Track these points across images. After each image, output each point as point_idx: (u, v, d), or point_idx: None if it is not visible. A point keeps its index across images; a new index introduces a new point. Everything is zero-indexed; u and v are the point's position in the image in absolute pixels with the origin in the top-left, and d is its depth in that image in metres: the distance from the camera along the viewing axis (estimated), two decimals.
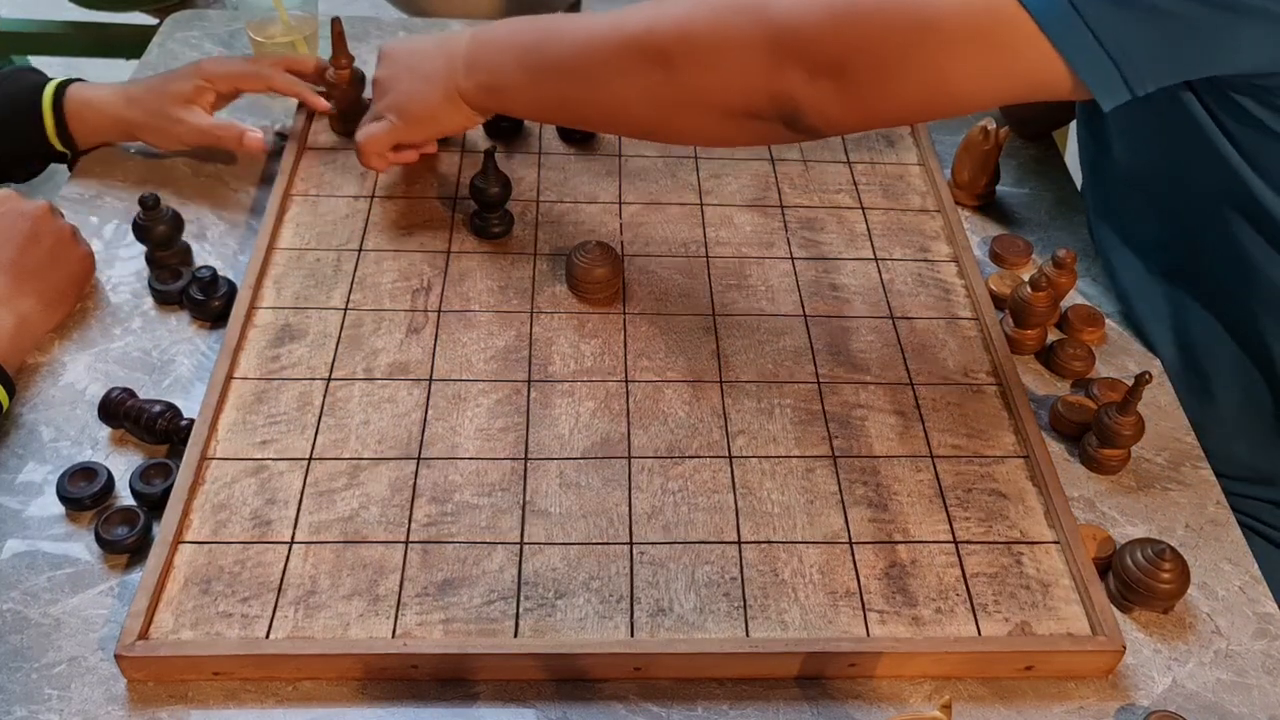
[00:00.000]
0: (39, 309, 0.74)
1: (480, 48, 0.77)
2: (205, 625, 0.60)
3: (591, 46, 0.71)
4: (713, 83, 0.67)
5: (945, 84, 0.62)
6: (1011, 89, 0.63)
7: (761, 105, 0.66)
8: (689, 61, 0.67)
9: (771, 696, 0.60)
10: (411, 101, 0.79)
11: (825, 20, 0.62)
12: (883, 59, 0.62)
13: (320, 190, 0.88)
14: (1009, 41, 0.59)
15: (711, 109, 0.69)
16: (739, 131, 0.71)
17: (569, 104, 0.75)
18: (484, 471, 0.68)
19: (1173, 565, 0.63)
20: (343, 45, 0.89)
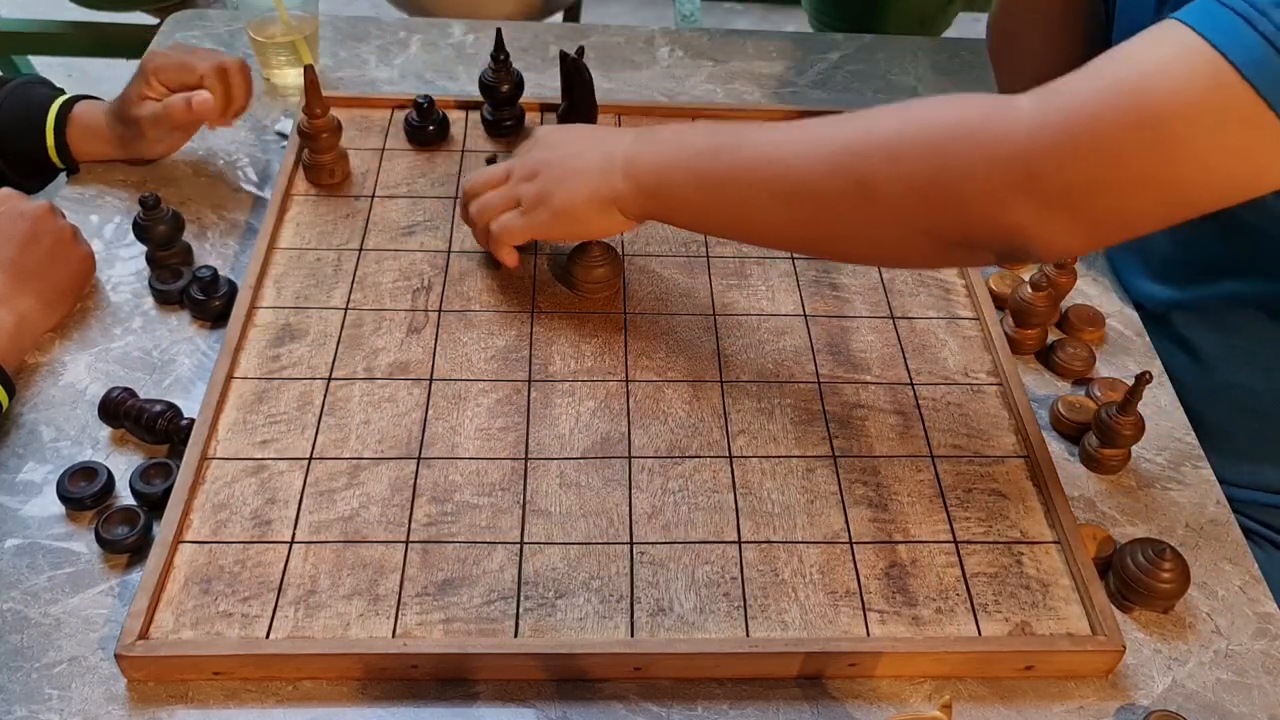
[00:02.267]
0: (39, 309, 0.74)
1: (644, 147, 0.71)
2: (205, 625, 0.60)
3: (781, 161, 0.65)
4: (925, 214, 0.60)
5: (1185, 192, 0.56)
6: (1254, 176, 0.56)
7: (979, 237, 0.60)
8: (900, 189, 0.60)
9: (771, 696, 0.60)
10: (558, 197, 0.72)
11: (1063, 146, 0.55)
12: (1122, 182, 0.56)
13: (321, 190, 0.88)
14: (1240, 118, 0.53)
15: (919, 238, 0.62)
16: (944, 258, 0.67)
17: (745, 220, 0.69)
18: (484, 471, 0.68)
19: (1173, 565, 0.63)
20: (317, 94, 0.83)
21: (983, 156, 0.57)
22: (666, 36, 1.12)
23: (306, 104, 0.83)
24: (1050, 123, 0.56)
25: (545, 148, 0.75)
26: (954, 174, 0.58)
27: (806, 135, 0.65)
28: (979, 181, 0.57)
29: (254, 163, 0.93)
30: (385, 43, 1.08)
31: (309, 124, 0.84)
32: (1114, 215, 0.58)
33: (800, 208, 0.64)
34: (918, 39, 1.15)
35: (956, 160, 0.58)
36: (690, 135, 0.70)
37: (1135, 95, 0.54)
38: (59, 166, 0.89)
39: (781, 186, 0.64)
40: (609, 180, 0.71)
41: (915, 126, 0.60)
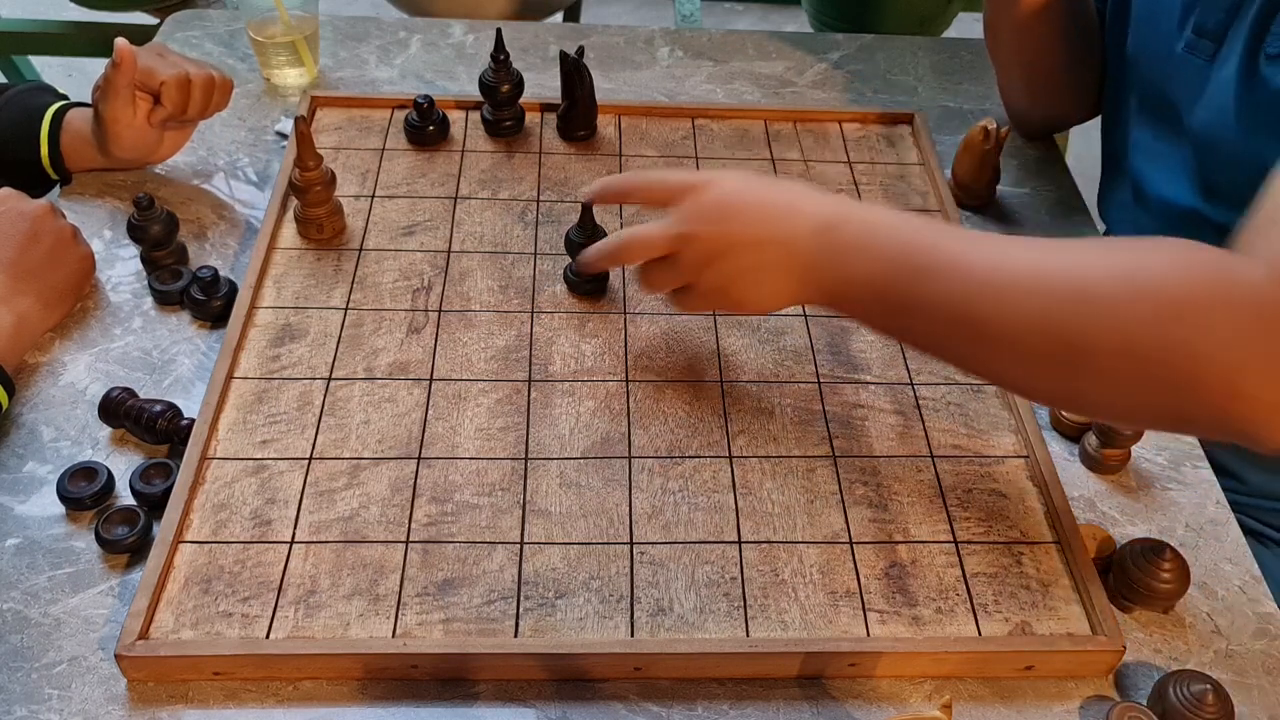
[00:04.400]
0: (38, 308, 0.74)
1: (828, 254, 0.63)
2: (205, 625, 0.60)
3: (982, 306, 0.57)
4: (1146, 389, 0.54)
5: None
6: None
7: (1203, 418, 0.54)
8: (1122, 364, 0.53)
9: (771, 696, 0.60)
10: (735, 292, 0.66)
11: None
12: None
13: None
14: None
15: (1131, 407, 0.56)
16: (1151, 425, 0.62)
17: (933, 350, 0.63)
18: (484, 471, 0.68)
19: (1173, 565, 0.63)
20: (310, 147, 0.78)
21: (1222, 333, 0.51)
22: (666, 36, 1.12)
23: (298, 155, 0.79)
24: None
25: (716, 222, 0.66)
26: (1185, 351, 0.52)
27: (1016, 273, 0.57)
28: (1217, 362, 0.51)
29: (254, 163, 0.93)
30: (385, 43, 1.08)
31: (300, 177, 0.79)
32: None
33: (1001, 358, 0.58)
34: (918, 39, 1.15)
35: (1190, 338, 0.51)
36: (878, 246, 0.61)
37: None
38: (53, 177, 0.87)
39: (980, 333, 0.58)
40: (790, 281, 0.65)
41: (1140, 291, 0.53)
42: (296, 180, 0.80)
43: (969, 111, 1.04)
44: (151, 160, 0.89)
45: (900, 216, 0.63)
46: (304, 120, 0.78)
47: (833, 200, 0.65)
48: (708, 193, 0.66)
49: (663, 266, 0.68)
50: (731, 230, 0.65)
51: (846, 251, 0.62)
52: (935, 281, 0.59)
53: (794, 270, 0.64)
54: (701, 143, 0.95)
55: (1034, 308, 0.55)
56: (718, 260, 0.66)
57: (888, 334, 0.67)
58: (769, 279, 0.65)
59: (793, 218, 0.64)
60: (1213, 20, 0.77)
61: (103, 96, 0.82)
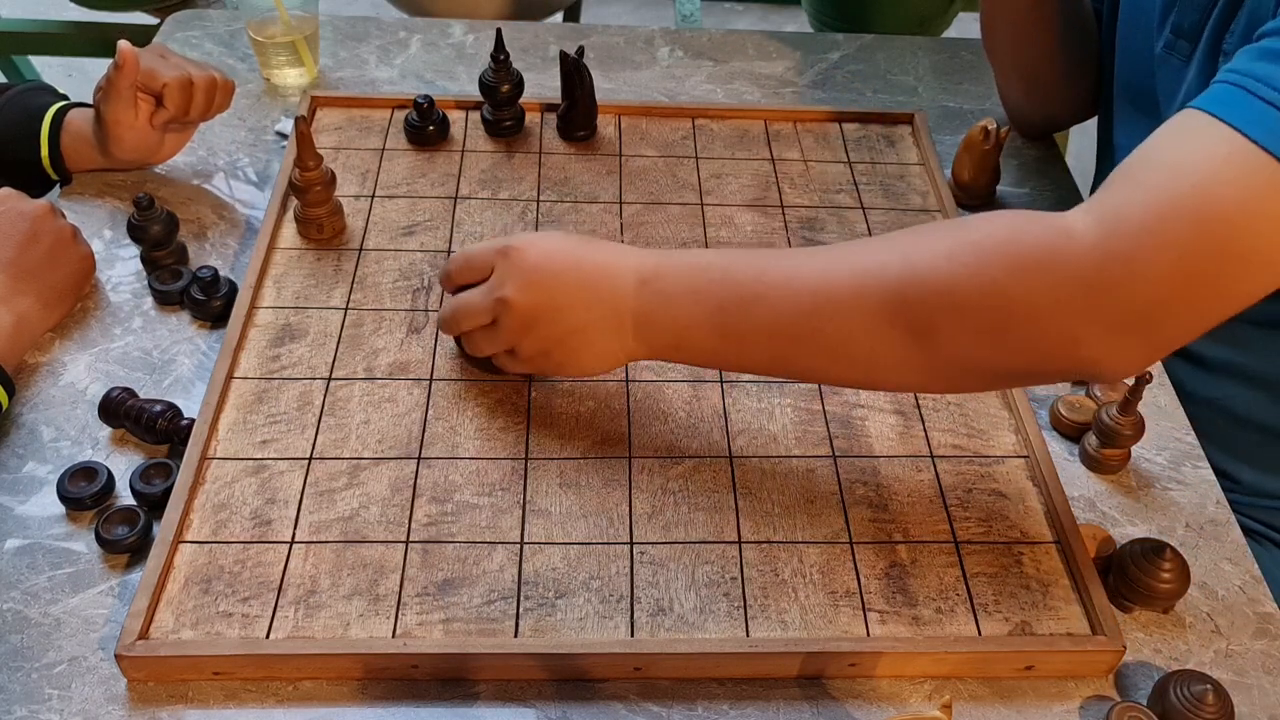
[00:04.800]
0: (38, 308, 0.74)
1: (655, 304, 0.63)
2: (205, 625, 0.60)
3: (819, 313, 0.59)
4: (991, 355, 0.57)
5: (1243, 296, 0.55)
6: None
7: (1046, 369, 0.58)
8: (964, 337, 0.56)
9: (771, 696, 0.60)
10: (559, 356, 0.67)
11: (1134, 273, 0.53)
12: (1192, 298, 0.54)
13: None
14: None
15: (981, 375, 0.60)
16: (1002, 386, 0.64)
17: (782, 369, 0.65)
18: (484, 471, 0.68)
19: (1173, 565, 0.63)
20: (310, 147, 0.78)
21: (1050, 294, 0.55)
22: (666, 36, 1.12)
23: (298, 155, 0.78)
24: (1115, 250, 0.54)
25: (529, 289, 0.65)
26: (1019, 317, 0.55)
27: (850, 277, 0.59)
28: (1047, 319, 0.55)
29: (254, 162, 0.93)
30: (385, 43, 1.08)
31: (300, 177, 0.79)
32: (1183, 329, 0.56)
33: (847, 359, 0.60)
34: (918, 39, 1.15)
35: (1023, 300, 0.55)
36: (706, 284, 0.62)
37: (1198, 212, 0.53)
38: (53, 178, 0.87)
39: (824, 341, 0.60)
40: (620, 341, 0.65)
41: (970, 267, 0.56)
42: (296, 180, 0.80)
43: (969, 111, 1.04)
44: (152, 161, 0.89)
45: (718, 253, 0.65)
46: (304, 120, 0.78)
47: (643, 252, 0.65)
48: (521, 257, 0.65)
49: (486, 333, 0.68)
50: (549, 295, 0.65)
51: (675, 298, 0.63)
52: (767, 305, 0.60)
53: (622, 328, 0.64)
54: (701, 143, 0.95)
55: (875, 304, 0.57)
56: (537, 325, 0.65)
57: (725, 366, 0.68)
58: (595, 340, 0.65)
59: (613, 276, 0.64)
60: (1189, 20, 0.77)
61: (104, 98, 0.82)
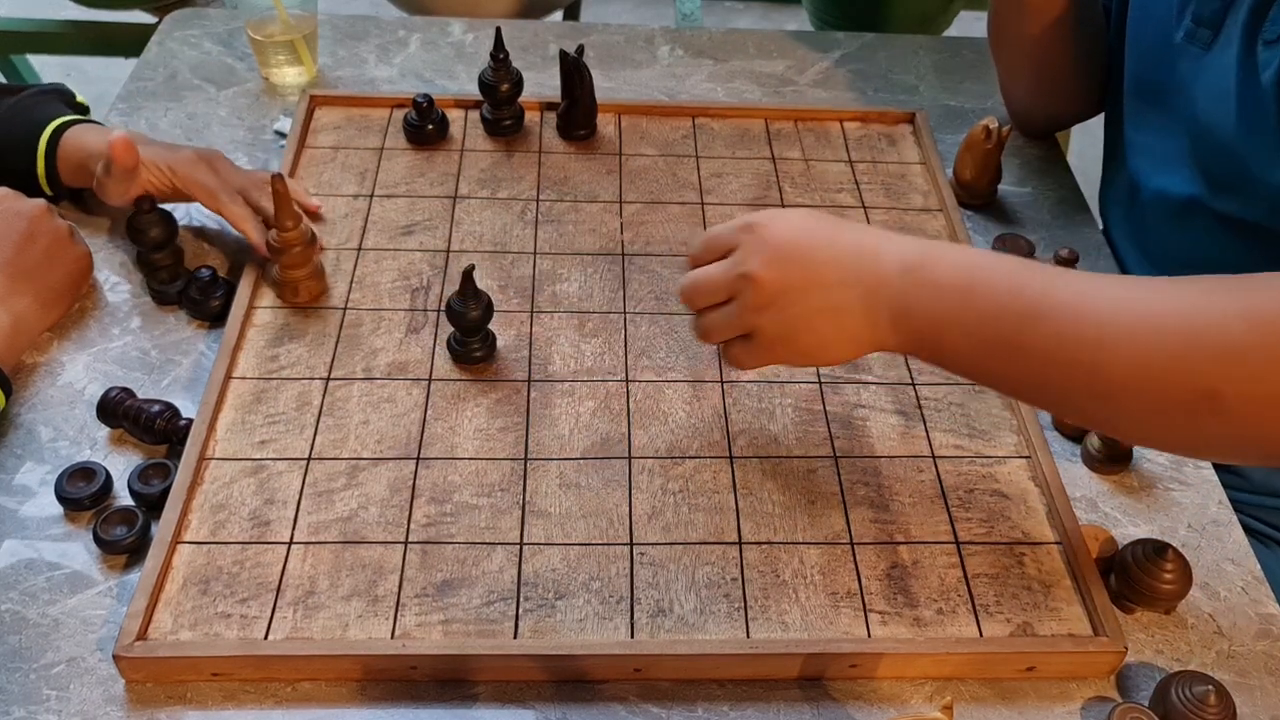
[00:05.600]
0: (35, 308, 0.74)
1: (920, 294, 0.58)
2: (204, 626, 0.60)
3: (1102, 352, 0.53)
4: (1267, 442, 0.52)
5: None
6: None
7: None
8: (1255, 406, 0.51)
9: (772, 697, 0.60)
10: (805, 339, 0.61)
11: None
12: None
13: (320, 190, 0.87)
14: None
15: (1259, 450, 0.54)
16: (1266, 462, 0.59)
17: (1041, 400, 0.61)
18: (483, 472, 0.68)
19: (1175, 566, 0.63)
20: (288, 205, 0.73)
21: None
22: (667, 36, 1.11)
23: (275, 216, 0.74)
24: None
25: (778, 264, 0.59)
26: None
27: (1133, 319, 0.53)
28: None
29: (253, 162, 0.93)
30: (385, 42, 1.08)
31: (278, 238, 0.74)
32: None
33: (1120, 406, 0.55)
34: (919, 38, 1.15)
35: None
36: (984, 284, 0.57)
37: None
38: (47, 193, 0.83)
39: (1101, 379, 0.54)
40: (872, 326, 0.59)
41: (1270, 331, 0.50)
42: (274, 241, 0.75)
43: (970, 110, 1.04)
44: None
45: (992, 255, 0.60)
46: (280, 179, 0.72)
47: (912, 239, 0.60)
48: (770, 229, 0.60)
49: (722, 312, 0.62)
50: (799, 270, 0.59)
51: (942, 291, 0.57)
52: (1048, 324, 0.55)
53: (876, 311, 0.58)
54: (702, 142, 0.95)
55: (1163, 356, 0.52)
56: (782, 303, 0.59)
57: (979, 379, 0.61)
58: (846, 323, 0.59)
59: (872, 257, 0.59)
60: (1210, 9, 0.77)
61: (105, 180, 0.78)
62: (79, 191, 0.87)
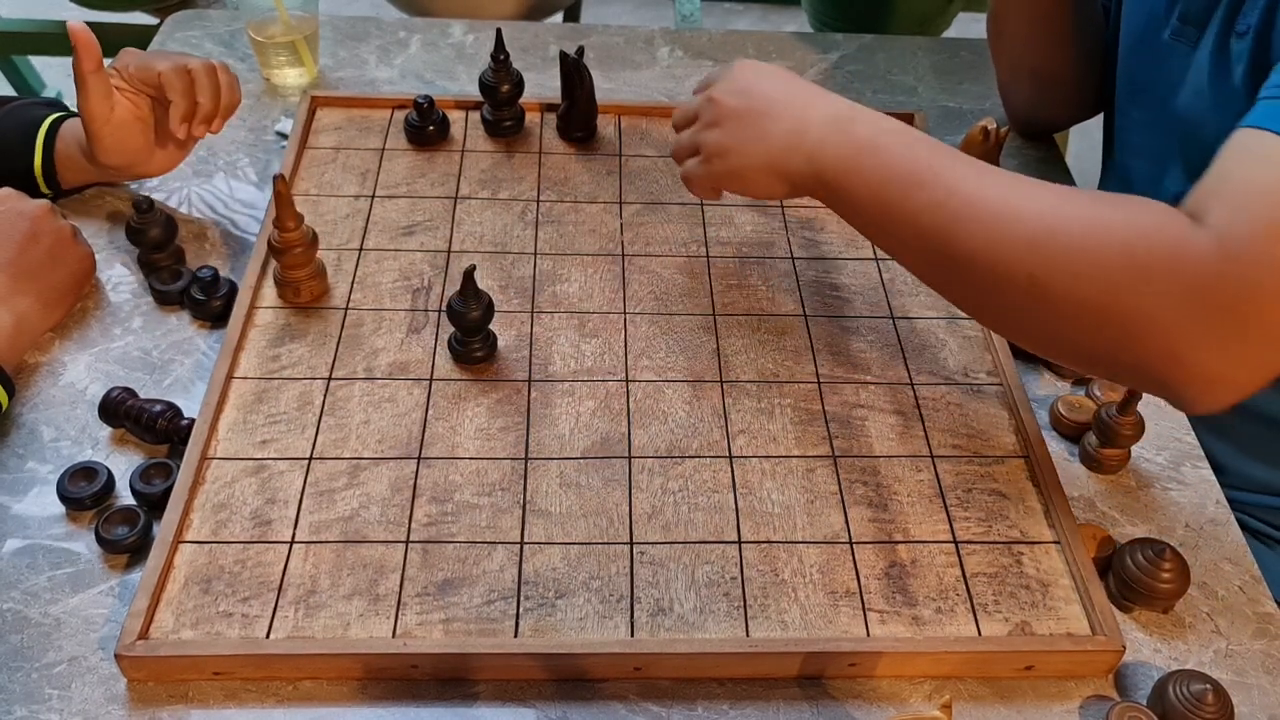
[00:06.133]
0: (38, 308, 0.74)
1: (838, 140, 0.66)
2: (205, 625, 0.60)
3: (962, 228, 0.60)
4: (1090, 331, 0.58)
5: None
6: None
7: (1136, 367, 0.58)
8: (1072, 302, 0.57)
9: (771, 696, 0.60)
10: (735, 158, 0.70)
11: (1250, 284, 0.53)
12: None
13: (320, 190, 0.88)
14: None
15: (1071, 344, 0.60)
16: (1087, 367, 0.66)
17: (905, 256, 0.66)
18: (484, 471, 0.68)
19: (1173, 565, 0.63)
20: (289, 207, 0.74)
21: (1164, 300, 0.54)
22: (666, 36, 1.12)
23: (277, 216, 0.74)
24: (1234, 273, 0.53)
25: (737, 94, 0.71)
26: (1130, 311, 0.55)
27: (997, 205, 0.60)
28: (1157, 324, 0.55)
29: (254, 163, 0.93)
30: (385, 43, 1.08)
31: (279, 238, 0.75)
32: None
33: (969, 283, 0.62)
34: (918, 39, 1.15)
35: (1135, 298, 0.55)
36: (887, 148, 0.65)
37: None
38: (44, 190, 0.84)
39: (955, 253, 0.61)
40: (790, 156, 0.68)
41: (1098, 246, 0.56)
42: (275, 242, 0.75)
43: (969, 111, 1.04)
44: (145, 172, 0.85)
45: (905, 127, 0.67)
46: (282, 179, 0.72)
47: (849, 103, 0.69)
48: (740, 68, 0.72)
49: (688, 131, 0.74)
50: (749, 101, 0.70)
51: (856, 146, 0.65)
52: (928, 194, 0.62)
53: (800, 150, 0.67)
54: None
55: (1008, 242, 0.59)
56: (729, 125, 0.70)
57: (866, 233, 0.68)
58: (771, 151, 0.69)
59: (810, 103, 0.69)
60: (1196, 6, 0.78)
61: (78, 93, 0.78)
62: (79, 191, 0.88)
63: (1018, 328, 0.63)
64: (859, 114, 0.68)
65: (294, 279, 0.77)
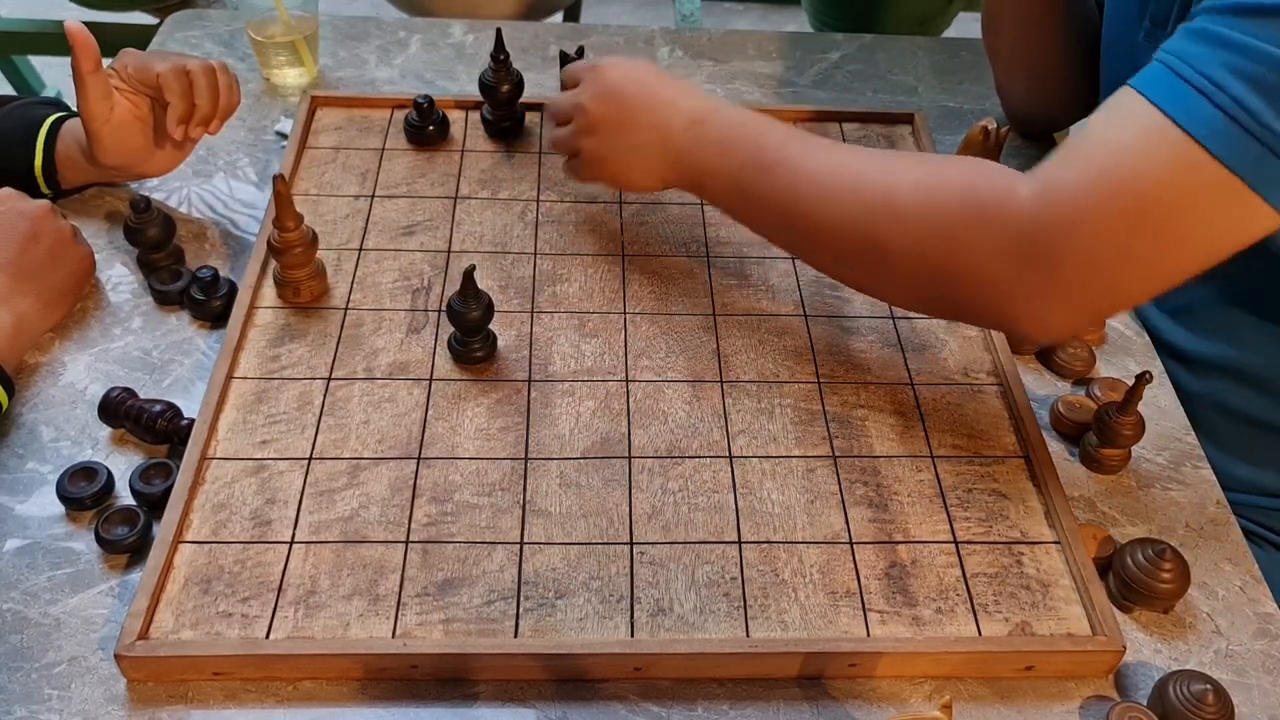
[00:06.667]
0: (38, 308, 0.74)
1: (692, 145, 0.73)
2: (205, 625, 0.60)
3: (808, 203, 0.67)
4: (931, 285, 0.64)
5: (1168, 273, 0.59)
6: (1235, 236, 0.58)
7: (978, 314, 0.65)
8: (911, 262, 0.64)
9: (771, 696, 0.60)
10: (613, 165, 0.77)
11: (1061, 241, 0.58)
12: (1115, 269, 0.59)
13: (320, 190, 0.88)
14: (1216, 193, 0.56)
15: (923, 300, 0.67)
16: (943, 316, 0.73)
17: (773, 236, 0.73)
18: (484, 471, 0.68)
19: (1173, 565, 0.63)
20: (289, 207, 0.74)
21: (987, 243, 0.61)
22: (666, 36, 1.12)
23: (277, 216, 0.74)
24: (1048, 221, 0.59)
25: (604, 99, 0.76)
26: (958, 255, 0.62)
27: (838, 178, 0.67)
28: (981, 266, 0.61)
29: (254, 163, 0.93)
30: (385, 43, 1.08)
31: (279, 238, 0.75)
32: (1108, 301, 0.62)
33: (819, 247, 0.69)
34: (917, 39, 1.15)
35: (963, 248, 0.61)
36: (738, 140, 0.72)
37: (1123, 191, 0.57)
38: (44, 190, 0.84)
39: (805, 224, 0.68)
40: (662, 164, 0.75)
41: (928, 205, 0.63)
42: (275, 242, 0.75)
43: (969, 111, 1.04)
44: (144, 172, 0.84)
45: (758, 118, 0.72)
46: (282, 179, 0.72)
47: (705, 99, 0.75)
48: (604, 73, 0.77)
49: (564, 130, 0.79)
50: (617, 109, 0.76)
51: (710, 145, 0.72)
52: (775, 178, 0.69)
53: (666, 156, 0.74)
54: None
55: (850, 212, 0.65)
56: (602, 132, 0.76)
57: (738, 219, 0.74)
58: (644, 158, 0.75)
59: (670, 109, 0.75)
60: (1164, 8, 0.78)
61: (77, 93, 0.78)
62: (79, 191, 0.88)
63: (874, 285, 0.69)
64: (711, 114, 0.73)
65: (294, 279, 0.77)
